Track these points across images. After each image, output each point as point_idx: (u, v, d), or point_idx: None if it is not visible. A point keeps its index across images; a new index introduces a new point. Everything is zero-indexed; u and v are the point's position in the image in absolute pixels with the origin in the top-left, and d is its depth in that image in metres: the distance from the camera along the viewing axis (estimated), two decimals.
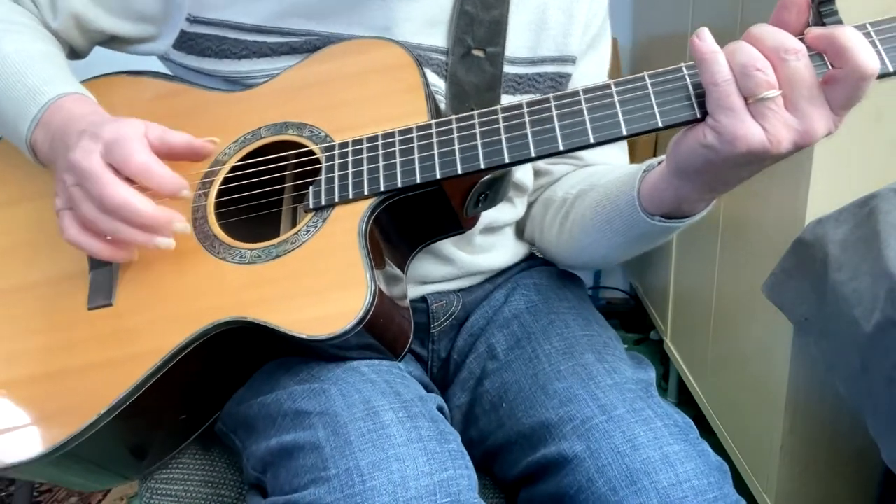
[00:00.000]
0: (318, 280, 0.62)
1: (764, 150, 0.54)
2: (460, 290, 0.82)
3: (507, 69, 0.77)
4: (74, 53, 0.81)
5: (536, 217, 0.86)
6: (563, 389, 0.68)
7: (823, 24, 0.55)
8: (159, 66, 0.80)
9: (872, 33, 0.55)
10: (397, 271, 0.69)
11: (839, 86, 0.53)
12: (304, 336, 0.60)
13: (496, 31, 0.75)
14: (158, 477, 0.76)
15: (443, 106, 0.73)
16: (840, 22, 0.55)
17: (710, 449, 0.65)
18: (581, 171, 0.85)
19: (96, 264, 0.68)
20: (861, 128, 1.02)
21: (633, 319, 2.15)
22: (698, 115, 0.57)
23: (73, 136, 0.64)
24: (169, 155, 0.65)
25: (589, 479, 0.62)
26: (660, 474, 0.60)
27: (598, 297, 2.25)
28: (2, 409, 0.65)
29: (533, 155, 0.61)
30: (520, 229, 0.89)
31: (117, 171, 0.62)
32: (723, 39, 0.56)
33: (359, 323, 0.59)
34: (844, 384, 0.96)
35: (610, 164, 0.85)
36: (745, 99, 0.53)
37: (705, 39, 0.55)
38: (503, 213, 0.81)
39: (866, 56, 0.51)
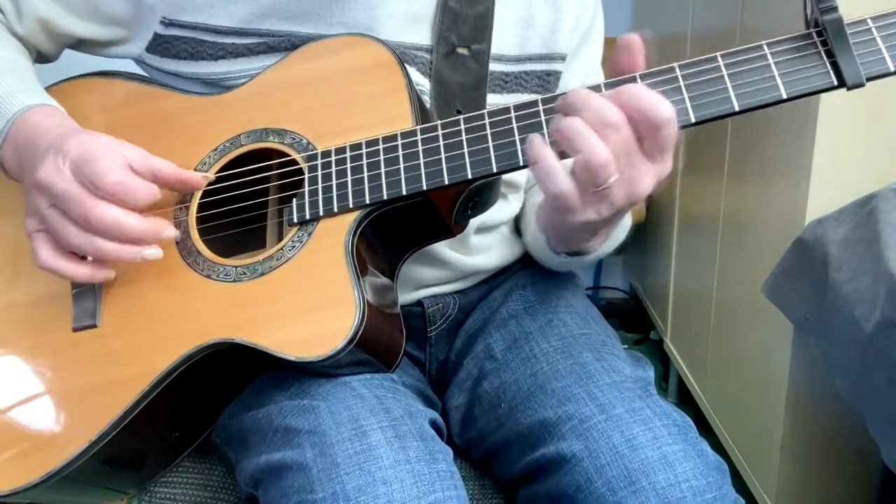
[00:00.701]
0: (305, 299, 0.61)
1: (598, 220, 0.56)
2: (456, 291, 0.82)
3: (494, 67, 0.76)
4: (42, 57, 0.79)
5: (521, 220, 0.86)
6: (561, 388, 0.68)
7: (823, 21, 0.54)
8: (134, 68, 0.78)
9: (874, 29, 0.54)
10: (386, 280, 0.68)
11: (646, 141, 0.54)
12: (294, 358, 0.59)
13: (481, 27, 0.74)
14: (158, 480, 0.76)
15: (428, 105, 0.72)
16: (840, 18, 0.54)
17: (708, 448, 0.65)
18: None
19: (79, 283, 0.67)
20: (861, 128, 1.02)
21: (633, 319, 2.14)
22: (693, 121, 0.57)
23: (38, 154, 0.62)
24: (154, 181, 0.63)
25: (587, 479, 0.62)
26: (658, 474, 0.60)
27: (598, 297, 2.25)
28: None
29: (521, 164, 0.60)
30: (516, 224, 0.88)
31: (91, 189, 0.60)
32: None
33: (349, 343, 0.58)
34: (844, 384, 0.96)
35: None
36: (582, 191, 0.55)
37: (535, 149, 0.55)
38: (498, 211, 0.80)
39: (654, 107, 0.52)
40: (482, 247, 0.82)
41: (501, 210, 0.81)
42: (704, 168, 1.48)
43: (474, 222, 0.75)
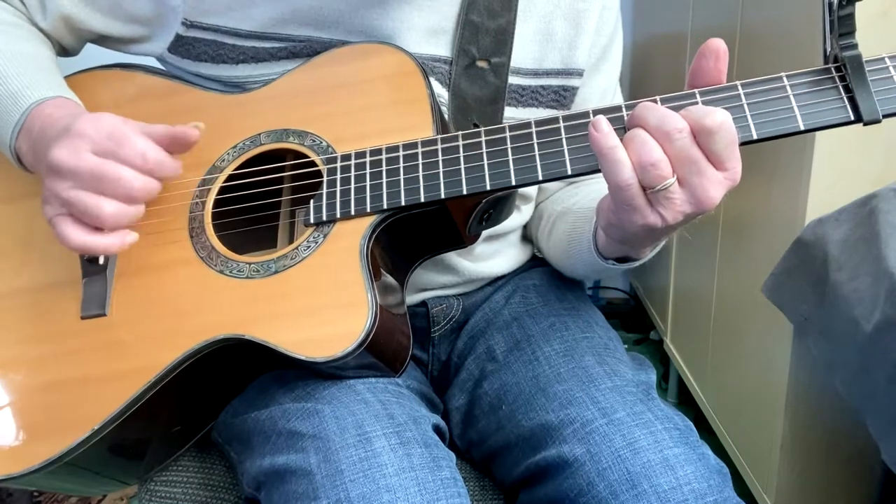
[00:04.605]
0: (317, 299, 0.62)
1: (664, 228, 0.56)
2: (460, 293, 0.82)
3: (511, 80, 0.75)
4: (65, 51, 0.80)
5: (534, 224, 0.87)
6: (563, 392, 0.68)
7: (842, 57, 0.55)
8: (154, 62, 0.78)
9: (891, 67, 0.55)
10: (397, 285, 0.68)
11: (706, 148, 0.54)
12: (303, 358, 0.59)
13: (502, 41, 0.74)
14: (157, 479, 0.76)
15: (446, 116, 0.72)
16: (859, 55, 0.55)
17: (710, 452, 0.65)
18: (567, 189, 0.85)
19: (90, 271, 0.67)
20: (861, 128, 1.02)
21: (633, 319, 2.14)
22: None
23: (52, 140, 0.62)
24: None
25: (589, 482, 0.62)
26: (660, 478, 0.60)
27: (598, 297, 2.25)
28: None
29: (541, 178, 0.61)
30: (525, 232, 0.88)
31: (139, 165, 0.61)
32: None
33: (359, 345, 0.59)
34: (844, 384, 0.96)
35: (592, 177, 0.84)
36: (644, 189, 0.54)
37: (602, 130, 0.55)
38: (509, 220, 0.80)
39: (705, 113, 0.53)
40: (490, 254, 0.82)
41: (512, 219, 0.81)
42: None
43: (484, 231, 0.75)
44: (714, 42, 0.56)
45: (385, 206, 0.63)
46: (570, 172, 0.60)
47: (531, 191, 0.83)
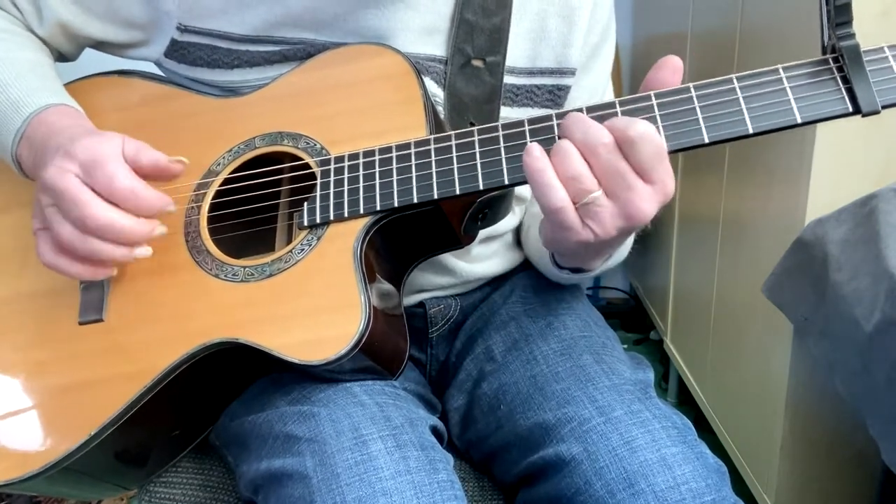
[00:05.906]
0: (311, 302, 0.62)
1: (597, 242, 0.56)
2: (458, 294, 0.82)
3: (505, 79, 0.75)
4: (63, 57, 0.79)
5: (520, 226, 0.86)
6: (560, 391, 0.68)
7: (840, 47, 0.54)
8: (152, 68, 0.78)
9: (890, 57, 0.55)
10: (392, 288, 0.68)
11: (631, 159, 0.53)
12: (297, 361, 0.59)
13: (497, 39, 0.73)
14: (157, 480, 0.76)
15: (442, 116, 0.72)
16: (857, 45, 0.54)
17: (708, 450, 0.65)
18: None
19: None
20: (861, 128, 1.02)
21: (633, 319, 2.14)
22: (706, 141, 0.57)
23: (48, 153, 0.62)
24: (138, 172, 0.62)
25: (586, 481, 0.62)
26: (657, 477, 0.60)
27: (598, 297, 2.25)
28: None
29: None
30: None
31: (105, 192, 0.60)
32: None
33: (353, 347, 0.58)
34: (844, 384, 0.96)
35: None
36: (573, 202, 0.54)
37: (532, 154, 0.55)
38: (504, 221, 0.79)
39: (626, 125, 0.53)
40: (486, 255, 0.82)
41: (507, 220, 0.81)
42: (704, 168, 1.48)
43: (481, 231, 0.74)
44: (671, 59, 0.57)
45: (378, 208, 0.63)
46: None
47: (526, 192, 0.83)
